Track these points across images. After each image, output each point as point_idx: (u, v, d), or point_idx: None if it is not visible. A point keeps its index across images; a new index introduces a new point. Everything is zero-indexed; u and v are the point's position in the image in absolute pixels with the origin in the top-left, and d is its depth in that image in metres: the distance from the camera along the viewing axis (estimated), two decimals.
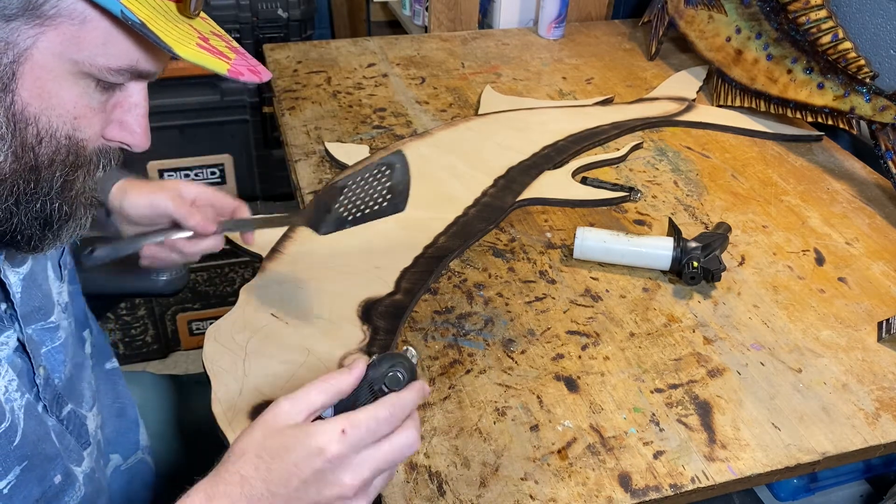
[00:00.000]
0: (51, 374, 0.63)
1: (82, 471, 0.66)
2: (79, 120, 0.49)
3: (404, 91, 1.29)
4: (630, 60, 1.45)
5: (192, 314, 1.79)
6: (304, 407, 0.51)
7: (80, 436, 0.67)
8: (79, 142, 0.50)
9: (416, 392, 0.53)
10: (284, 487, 0.49)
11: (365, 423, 0.50)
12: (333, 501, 0.50)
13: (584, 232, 0.91)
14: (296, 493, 0.49)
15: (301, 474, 0.49)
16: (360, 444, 0.50)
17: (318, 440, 0.49)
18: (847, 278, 0.92)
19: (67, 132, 0.49)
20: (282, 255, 0.89)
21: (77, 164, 0.51)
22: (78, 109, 0.49)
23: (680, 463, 0.68)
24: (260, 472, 0.49)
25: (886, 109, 1.03)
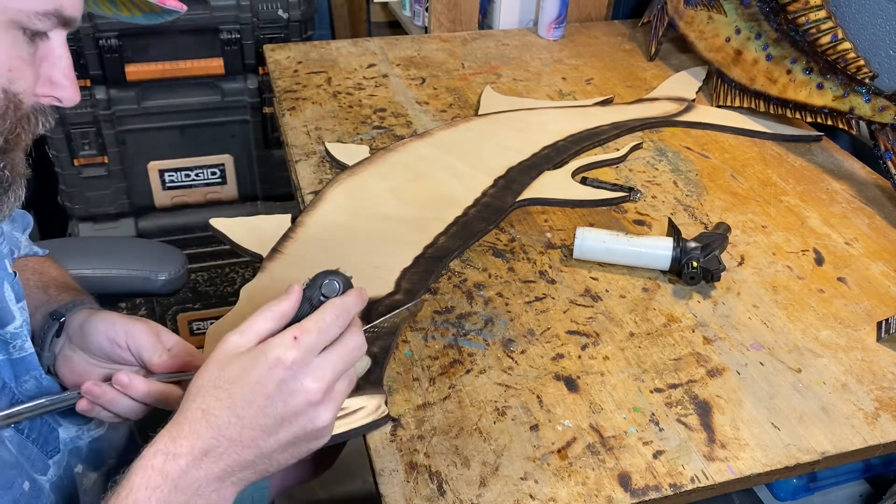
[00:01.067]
0: (7, 383, 0.62)
1: (47, 479, 0.64)
2: (13, 72, 0.50)
3: (404, 91, 1.29)
4: (630, 61, 1.46)
5: (192, 314, 1.80)
6: (252, 335, 0.52)
7: (45, 443, 0.65)
8: (16, 95, 0.50)
9: (356, 296, 0.54)
10: (250, 407, 0.49)
11: (314, 327, 0.51)
12: (302, 410, 0.50)
13: (583, 232, 0.91)
14: (263, 412, 0.49)
15: (264, 390, 0.49)
16: (314, 347, 0.51)
17: (273, 352, 0.49)
18: (846, 278, 0.92)
19: (3, 85, 0.49)
20: (282, 255, 0.89)
21: (17, 118, 0.51)
22: (11, 61, 0.49)
23: (679, 462, 0.68)
24: (222, 401, 0.49)
25: (886, 110, 1.03)
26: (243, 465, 0.50)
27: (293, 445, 0.52)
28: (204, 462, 0.49)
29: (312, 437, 0.52)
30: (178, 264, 1.04)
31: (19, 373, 0.64)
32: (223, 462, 0.49)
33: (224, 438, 0.49)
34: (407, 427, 0.70)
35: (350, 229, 0.94)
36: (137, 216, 1.71)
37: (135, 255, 1.05)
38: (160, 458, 0.48)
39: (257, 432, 0.50)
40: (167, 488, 0.47)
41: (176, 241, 1.69)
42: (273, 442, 0.50)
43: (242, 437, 0.49)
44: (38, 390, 0.65)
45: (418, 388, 0.74)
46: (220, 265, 1.76)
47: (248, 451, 0.50)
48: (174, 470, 0.48)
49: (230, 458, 0.49)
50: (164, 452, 0.48)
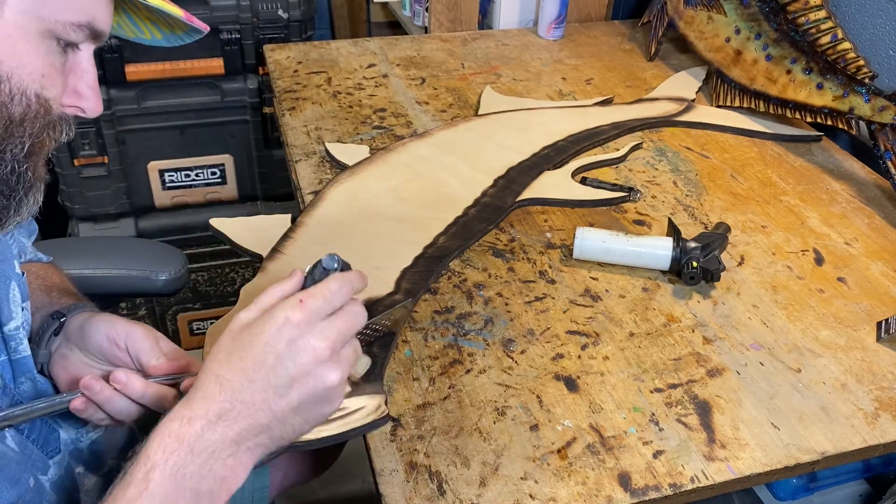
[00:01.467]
0: (7, 384, 0.62)
1: (48, 479, 0.65)
2: (45, 79, 0.52)
3: (404, 91, 1.29)
4: (630, 61, 1.46)
5: (192, 314, 1.80)
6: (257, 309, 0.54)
7: (46, 444, 0.66)
8: (46, 101, 0.52)
9: (357, 274, 0.57)
10: (261, 368, 0.51)
11: (319, 293, 0.53)
12: (311, 368, 0.52)
13: (583, 232, 0.91)
14: (274, 372, 0.51)
15: (274, 350, 0.51)
16: (320, 310, 0.53)
17: (280, 313, 0.52)
18: (846, 278, 0.92)
19: (36, 90, 0.51)
20: (282, 255, 0.89)
21: (45, 123, 0.53)
22: (45, 68, 0.51)
23: (679, 462, 0.68)
24: (234, 366, 0.51)
25: (885, 110, 1.03)
26: (258, 428, 0.51)
27: (305, 408, 0.53)
28: (219, 425, 0.50)
29: (323, 399, 0.53)
30: (179, 264, 1.04)
31: (17, 374, 0.65)
32: (238, 425, 0.50)
33: (237, 401, 0.50)
34: (407, 427, 0.70)
35: (350, 229, 0.94)
36: (137, 216, 1.72)
37: (135, 255, 1.05)
38: (176, 423, 0.50)
39: (269, 394, 0.51)
40: (183, 452, 0.49)
41: (176, 241, 1.69)
42: (285, 404, 0.51)
43: (255, 400, 0.51)
44: (34, 391, 0.66)
45: (418, 388, 0.74)
46: (220, 265, 1.76)
47: (262, 413, 0.51)
48: (190, 434, 0.49)
49: (244, 422, 0.50)
50: (179, 417, 0.50)
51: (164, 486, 0.48)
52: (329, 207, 0.97)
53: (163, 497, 0.48)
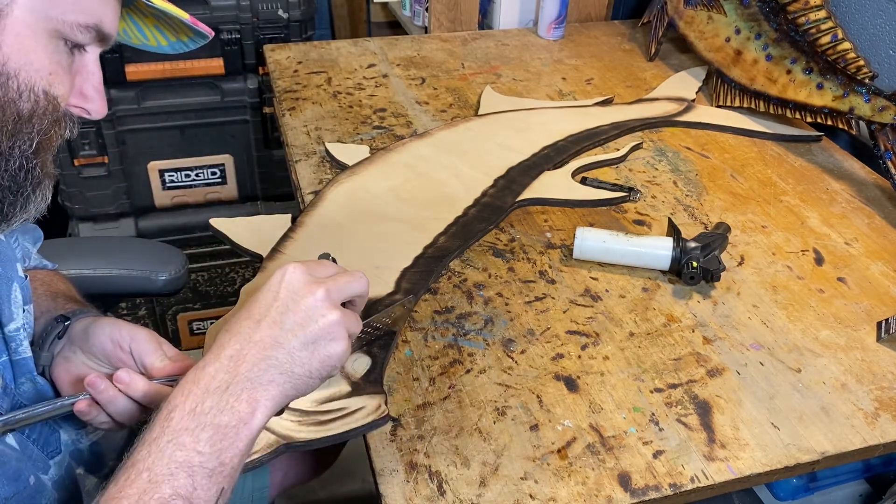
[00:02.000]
0: (8, 384, 0.62)
1: (49, 478, 0.65)
2: (53, 76, 0.52)
3: (404, 91, 1.29)
4: (630, 61, 1.46)
5: (192, 314, 1.80)
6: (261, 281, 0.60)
7: (46, 444, 0.66)
8: (54, 98, 0.53)
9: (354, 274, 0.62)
10: (267, 311, 0.55)
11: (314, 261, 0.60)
12: (310, 306, 0.56)
13: (583, 232, 0.91)
14: (278, 312, 0.55)
15: (277, 296, 0.56)
16: (315, 270, 0.58)
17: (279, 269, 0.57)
18: (846, 278, 0.92)
19: (44, 87, 0.52)
20: (282, 255, 0.89)
21: (53, 120, 0.53)
22: (52, 66, 0.52)
23: (679, 462, 0.68)
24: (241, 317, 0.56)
25: (886, 110, 1.03)
26: (267, 363, 0.54)
27: (312, 343, 0.56)
28: (230, 364, 0.53)
29: (326, 335, 0.56)
30: (179, 264, 1.04)
31: (18, 374, 0.65)
32: (248, 362, 0.54)
33: (245, 342, 0.54)
34: (407, 427, 0.70)
35: (350, 229, 0.94)
36: (137, 216, 1.72)
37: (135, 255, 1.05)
38: (191, 373, 0.53)
39: (275, 330, 0.55)
40: (198, 391, 0.52)
41: (176, 241, 1.69)
42: (290, 337, 0.55)
43: (263, 338, 0.54)
44: (35, 392, 0.66)
45: (418, 388, 0.74)
46: (220, 265, 1.76)
47: (270, 349, 0.54)
48: (204, 376, 0.53)
49: (253, 357, 0.54)
50: (195, 367, 0.54)
51: (183, 422, 0.51)
52: (329, 207, 0.97)
53: (183, 431, 0.51)
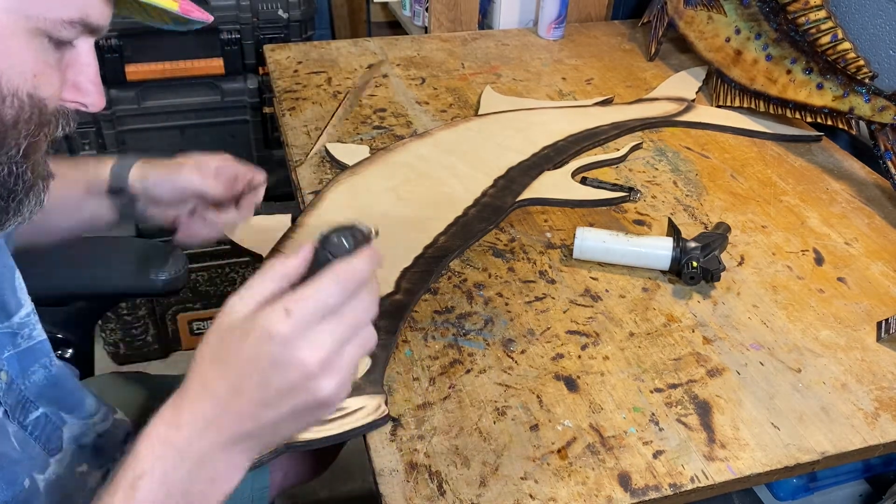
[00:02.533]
0: (15, 380, 0.62)
1: (44, 478, 0.64)
2: (38, 77, 0.49)
3: (404, 91, 1.29)
4: (630, 61, 1.46)
5: (192, 314, 1.80)
6: (251, 298, 0.49)
7: (48, 441, 0.65)
8: (40, 100, 0.50)
9: (367, 257, 0.49)
10: (247, 382, 0.47)
11: (311, 296, 0.47)
12: (298, 384, 0.47)
13: (583, 232, 0.91)
14: (259, 387, 0.47)
15: (258, 365, 0.47)
16: (310, 318, 0.47)
17: (264, 324, 0.46)
18: (846, 278, 0.92)
19: (29, 90, 0.49)
20: (282, 255, 0.89)
21: (40, 123, 0.51)
22: (37, 66, 0.49)
23: (679, 462, 0.68)
24: (220, 373, 0.48)
25: (886, 110, 1.03)
26: (247, 435, 0.49)
27: (298, 416, 0.49)
28: (207, 433, 0.48)
29: (317, 407, 0.49)
30: (179, 264, 1.03)
31: (27, 364, 0.64)
32: (226, 432, 0.48)
33: (224, 409, 0.48)
34: (407, 427, 0.70)
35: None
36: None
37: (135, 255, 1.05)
38: (163, 428, 0.48)
39: (256, 405, 0.48)
40: (171, 457, 0.47)
41: None
42: (274, 414, 0.48)
43: (242, 410, 0.48)
44: (47, 380, 0.65)
45: (418, 387, 0.74)
46: (220, 265, 1.76)
47: (250, 422, 0.48)
48: (178, 440, 0.48)
49: (232, 429, 0.48)
50: (166, 423, 0.48)
51: (153, 492, 0.47)
52: (329, 207, 0.97)
53: (152, 502, 0.47)
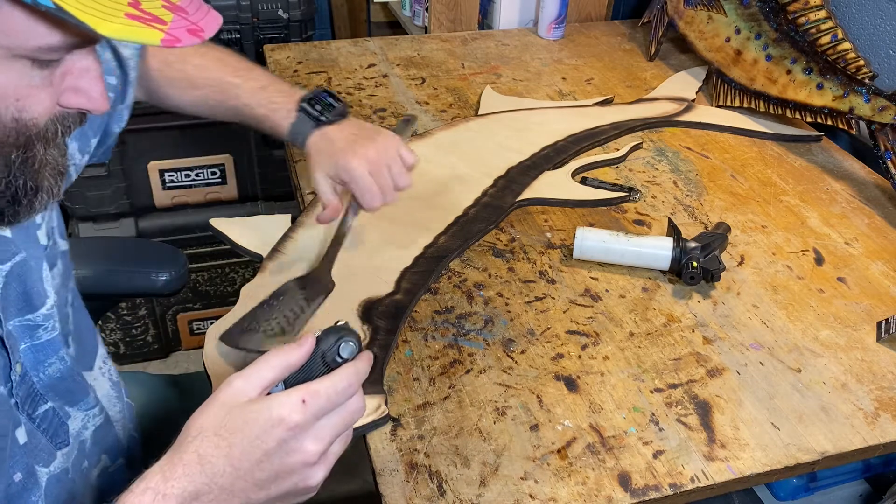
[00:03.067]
0: (28, 372, 0.62)
1: (48, 472, 0.64)
2: (22, 101, 0.48)
3: (404, 91, 1.29)
4: (630, 61, 1.46)
5: (192, 314, 1.80)
6: (257, 383, 0.52)
7: (55, 435, 0.65)
8: (28, 121, 0.49)
9: (367, 362, 0.55)
10: (248, 461, 0.49)
11: (325, 392, 0.51)
12: (297, 469, 0.51)
13: (583, 232, 0.91)
14: (259, 466, 0.50)
15: (264, 446, 0.49)
16: (320, 412, 0.51)
17: (278, 411, 0.50)
18: (846, 278, 0.92)
19: (13, 115, 0.48)
20: (282, 255, 0.89)
21: (30, 142, 0.49)
22: (19, 91, 0.47)
23: (679, 462, 0.68)
24: (221, 450, 0.49)
25: (885, 110, 1.03)
26: None
27: (280, 499, 0.52)
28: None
29: (301, 493, 0.53)
30: (179, 264, 1.03)
31: (44, 356, 0.64)
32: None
33: (216, 486, 0.49)
34: (407, 427, 0.70)
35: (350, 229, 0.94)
36: (137, 216, 1.71)
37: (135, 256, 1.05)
38: (149, 495, 0.48)
39: (249, 484, 0.50)
40: None
41: (176, 241, 1.69)
42: (262, 495, 0.51)
43: (234, 487, 0.50)
44: (62, 373, 0.65)
45: (418, 388, 0.74)
46: (220, 265, 1.76)
47: (236, 500, 0.50)
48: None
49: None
50: (154, 491, 0.48)
51: None
52: None
53: None
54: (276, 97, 0.82)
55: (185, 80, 0.82)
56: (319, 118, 0.80)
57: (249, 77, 0.83)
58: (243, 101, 0.82)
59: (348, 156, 0.78)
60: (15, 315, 0.61)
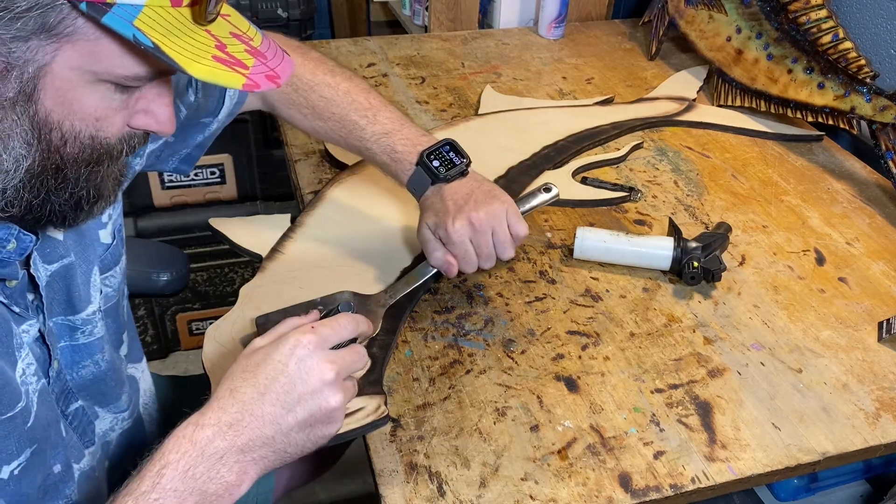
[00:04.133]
0: (63, 370, 0.65)
1: (79, 468, 0.67)
2: (100, 122, 0.51)
3: (404, 91, 1.29)
4: (630, 60, 1.45)
5: (192, 314, 1.79)
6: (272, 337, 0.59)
7: (83, 434, 0.68)
8: (102, 140, 0.52)
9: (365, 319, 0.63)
10: (273, 384, 0.55)
11: (328, 323, 0.59)
12: (317, 388, 0.55)
13: (584, 232, 0.91)
14: (283, 388, 0.55)
15: (285, 368, 0.55)
16: (328, 338, 0.58)
17: (293, 336, 0.57)
18: (847, 278, 0.92)
19: (90, 133, 0.51)
20: (282, 255, 0.89)
21: (100, 159, 0.53)
22: (99, 112, 0.51)
23: (680, 463, 0.68)
24: (247, 381, 0.55)
25: (887, 109, 1.03)
26: (264, 440, 0.54)
27: (309, 426, 0.56)
28: (229, 433, 0.53)
29: (325, 419, 0.56)
30: (180, 264, 1.03)
31: (80, 358, 0.67)
32: (245, 435, 0.53)
33: (247, 413, 0.54)
34: (407, 427, 0.70)
35: (350, 229, 0.94)
36: (137, 216, 1.71)
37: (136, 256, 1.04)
38: (190, 428, 0.53)
39: (277, 408, 0.54)
40: (195, 453, 0.52)
41: (176, 240, 1.69)
42: (291, 419, 0.55)
43: (264, 413, 0.54)
44: (95, 376, 0.69)
45: (418, 388, 0.74)
46: (220, 265, 1.76)
47: (269, 427, 0.54)
48: (201, 438, 0.52)
49: (252, 432, 0.53)
50: (193, 424, 0.53)
51: (174, 482, 0.51)
52: (329, 207, 0.97)
53: (172, 492, 0.51)
54: (399, 146, 0.81)
55: (309, 109, 0.83)
56: (437, 175, 0.79)
57: (375, 120, 0.82)
58: (366, 144, 0.82)
59: (453, 216, 0.76)
60: (58, 313, 0.64)
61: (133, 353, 0.80)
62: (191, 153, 0.81)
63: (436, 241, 0.78)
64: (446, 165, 0.79)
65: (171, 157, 0.80)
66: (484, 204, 0.77)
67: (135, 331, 0.81)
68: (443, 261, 0.78)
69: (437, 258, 0.78)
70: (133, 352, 0.80)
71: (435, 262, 0.79)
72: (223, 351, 0.75)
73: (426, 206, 0.80)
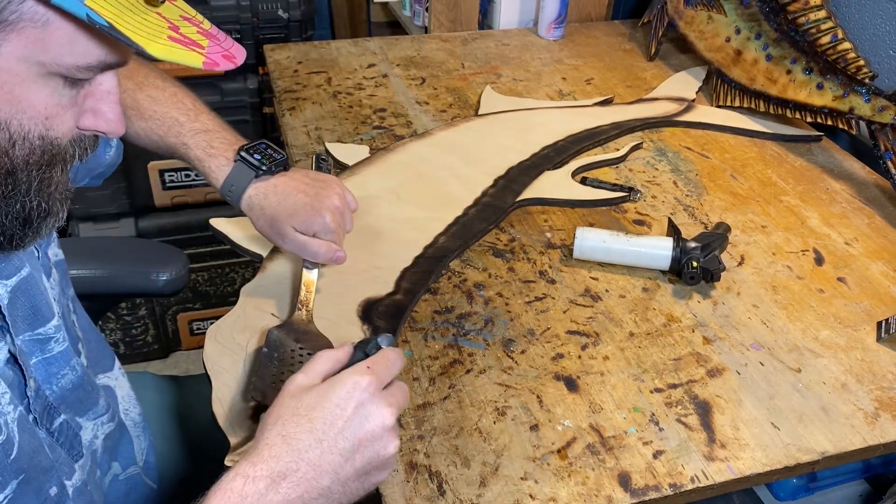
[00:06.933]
0: (41, 386, 0.62)
1: (72, 484, 0.64)
2: (50, 119, 0.49)
3: (404, 91, 1.29)
4: (630, 61, 1.46)
5: (192, 314, 1.80)
6: (315, 374, 0.55)
7: (71, 447, 0.66)
8: (52, 140, 0.49)
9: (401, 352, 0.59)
10: (330, 429, 0.51)
11: (381, 360, 0.56)
12: (378, 434, 0.52)
13: (583, 232, 0.91)
14: (342, 434, 0.51)
15: (344, 413, 0.52)
16: (384, 377, 0.55)
17: (350, 378, 0.53)
18: (846, 278, 0.92)
19: (40, 133, 0.48)
20: (282, 255, 0.89)
21: (52, 161, 0.50)
22: (49, 109, 0.48)
23: (679, 462, 0.68)
24: (302, 426, 0.51)
25: (886, 110, 1.03)
26: (319, 491, 0.51)
27: (365, 474, 0.53)
28: (282, 486, 0.49)
29: (381, 466, 0.54)
30: (180, 264, 1.03)
31: (57, 368, 0.64)
32: (301, 487, 0.50)
33: (303, 462, 0.50)
34: (407, 427, 0.70)
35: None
36: (137, 216, 1.71)
37: (136, 255, 1.05)
38: (239, 480, 0.49)
39: (335, 456, 0.51)
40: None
41: (176, 240, 1.69)
42: (349, 468, 0.52)
43: (322, 462, 0.51)
44: (73, 383, 0.65)
45: (418, 388, 0.74)
46: (220, 265, 1.76)
47: (326, 476, 0.51)
48: (252, 492, 0.49)
49: (307, 484, 0.50)
50: (243, 475, 0.49)
51: None
52: None
53: None
54: (217, 142, 0.79)
55: (134, 109, 0.80)
56: (260, 168, 0.77)
57: (197, 119, 0.80)
58: (182, 140, 0.79)
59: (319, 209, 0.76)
60: (25, 330, 0.61)
61: (101, 362, 0.76)
62: (103, 172, 0.80)
63: (312, 238, 0.77)
64: (268, 158, 0.78)
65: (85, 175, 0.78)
66: (328, 188, 0.78)
67: (101, 340, 0.77)
68: (331, 253, 0.77)
69: (323, 253, 0.77)
70: (101, 360, 0.76)
71: (324, 257, 0.77)
72: (224, 351, 0.76)
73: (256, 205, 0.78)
